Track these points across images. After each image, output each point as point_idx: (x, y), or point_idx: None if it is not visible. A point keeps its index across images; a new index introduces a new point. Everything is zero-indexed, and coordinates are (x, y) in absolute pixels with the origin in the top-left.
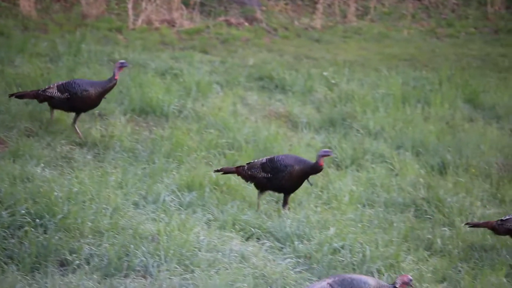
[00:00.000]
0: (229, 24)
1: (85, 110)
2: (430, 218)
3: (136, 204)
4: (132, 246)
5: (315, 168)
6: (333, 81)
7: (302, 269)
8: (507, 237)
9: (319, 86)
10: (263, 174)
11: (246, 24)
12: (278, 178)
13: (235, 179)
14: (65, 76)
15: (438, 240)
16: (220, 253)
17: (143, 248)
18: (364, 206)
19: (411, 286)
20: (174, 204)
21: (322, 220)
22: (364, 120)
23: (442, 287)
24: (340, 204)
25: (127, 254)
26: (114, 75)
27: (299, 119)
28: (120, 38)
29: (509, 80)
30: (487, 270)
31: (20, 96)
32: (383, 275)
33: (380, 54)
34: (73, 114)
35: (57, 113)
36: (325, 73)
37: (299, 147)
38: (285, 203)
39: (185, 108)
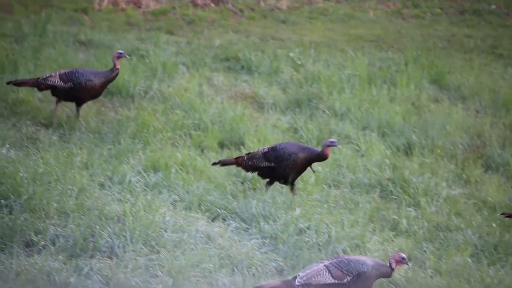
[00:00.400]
0: (195, 5)
1: (87, 100)
2: (395, 198)
3: (101, 185)
4: (97, 227)
5: (321, 157)
6: (299, 62)
7: (268, 250)
8: (472, 217)
9: (285, 67)
10: (266, 164)
11: (212, 5)
12: (282, 167)
13: (200, 159)
14: (30, 57)
15: (404, 221)
16: (186, 234)
17: (109, 229)
18: (330, 186)
19: (405, 263)
20: (140, 185)
21: (288, 201)
22: (330, 101)
23: (407, 267)
24: (306, 185)
25: (93, 235)
26: (114, 65)
27: (265, 100)
28: (86, 19)
29: (474, 61)
30: (452, 250)
31: (18, 84)
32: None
33: (346, 35)
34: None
35: (22, 93)
36: (291, 54)
37: (265, 128)
38: (292, 190)
39: (151, 89)
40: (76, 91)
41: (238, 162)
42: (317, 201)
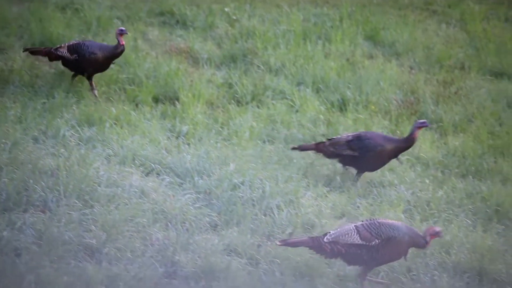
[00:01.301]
0: None
1: (93, 73)
2: None
3: (35, 139)
4: (31, 181)
5: (410, 142)
6: (234, 17)
7: (202, 205)
8: (406, 173)
9: (220, 22)
10: (349, 152)
11: None
12: (366, 157)
13: (135, 114)
14: None
15: (337, 177)
16: (119, 188)
17: (43, 183)
18: (264, 142)
19: (440, 236)
20: (74, 139)
21: (222, 156)
22: (265, 56)
23: (341, 223)
24: (240, 140)
25: (26, 189)
26: (118, 41)
27: (200, 55)
28: None
29: (409, 17)
30: (386, 205)
31: (33, 52)
32: (283, 211)
33: None
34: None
35: None
36: (226, 9)
37: (200, 83)
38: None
39: None
40: (80, 62)
41: (318, 147)
42: (252, 156)
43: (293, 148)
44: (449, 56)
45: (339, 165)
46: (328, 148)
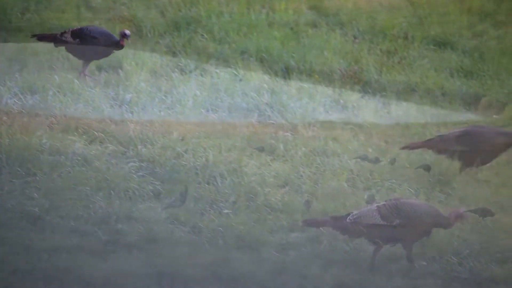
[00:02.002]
0: None
1: (95, 58)
2: (273, 123)
3: None
4: None
5: None
6: None
7: (145, 173)
8: (349, 142)
9: None
10: (458, 148)
11: None
12: (477, 152)
13: (78, 82)
14: None
15: (281, 145)
16: (62, 157)
17: None
18: (207, 111)
19: (464, 217)
20: (17, 107)
21: (165, 125)
22: (209, 25)
23: (284, 191)
24: (183, 109)
25: None
26: (120, 40)
27: (143, 23)
28: None
29: None
30: (329, 174)
31: (40, 38)
32: (226, 179)
33: None
34: None
35: None
36: None
37: (143, 52)
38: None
39: (28, 11)
40: (81, 47)
41: (429, 144)
42: (195, 125)
43: (403, 148)
44: (392, 25)
45: (281, 133)
46: (438, 144)
